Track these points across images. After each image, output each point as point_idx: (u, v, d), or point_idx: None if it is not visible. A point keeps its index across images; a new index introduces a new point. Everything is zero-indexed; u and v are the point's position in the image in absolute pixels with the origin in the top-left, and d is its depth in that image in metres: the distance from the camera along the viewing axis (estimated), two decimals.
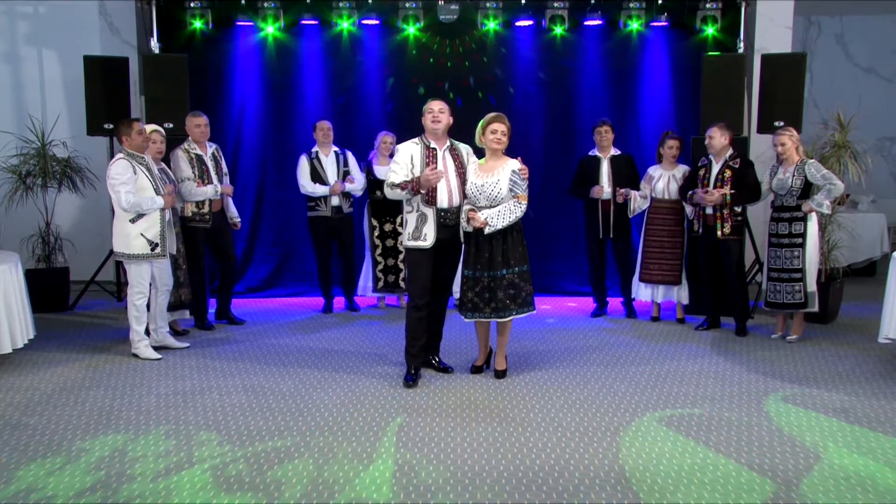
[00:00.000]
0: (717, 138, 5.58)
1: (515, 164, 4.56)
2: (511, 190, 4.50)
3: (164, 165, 5.49)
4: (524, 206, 4.53)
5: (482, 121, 4.61)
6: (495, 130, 4.54)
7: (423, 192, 4.50)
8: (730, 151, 5.64)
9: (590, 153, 6.31)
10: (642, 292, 6.21)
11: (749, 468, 3.41)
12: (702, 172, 5.70)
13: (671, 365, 5.00)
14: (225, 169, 6.02)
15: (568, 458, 3.52)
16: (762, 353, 5.29)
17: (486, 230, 4.47)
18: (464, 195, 4.62)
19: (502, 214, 4.47)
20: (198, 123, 5.79)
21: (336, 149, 6.45)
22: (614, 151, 6.22)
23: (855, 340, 5.61)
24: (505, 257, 4.52)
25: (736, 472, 3.37)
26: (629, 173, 6.18)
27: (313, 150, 6.42)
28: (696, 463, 3.47)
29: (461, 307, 4.67)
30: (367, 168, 6.48)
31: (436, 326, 4.86)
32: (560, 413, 4.11)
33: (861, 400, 4.33)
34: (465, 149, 4.75)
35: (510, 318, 4.57)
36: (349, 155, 6.49)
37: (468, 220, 4.54)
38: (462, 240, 4.68)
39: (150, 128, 5.41)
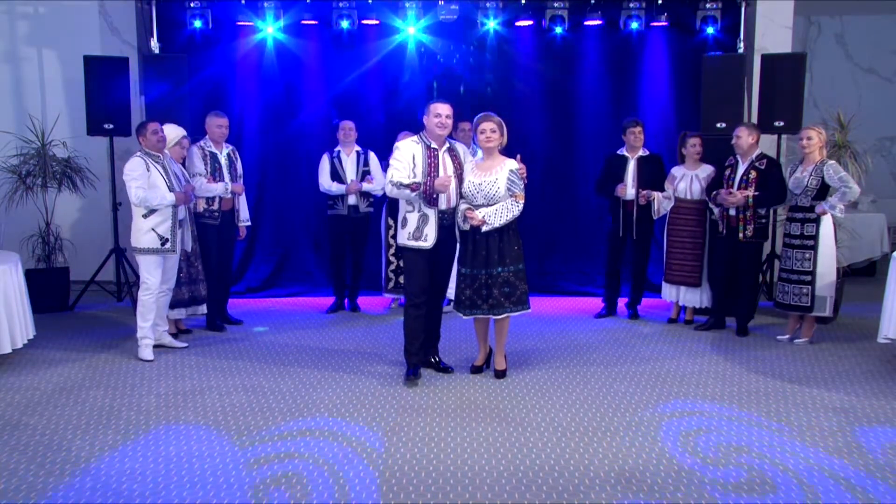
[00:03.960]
0: (745, 138, 5.50)
1: (513, 163, 4.57)
2: (509, 189, 4.51)
3: (183, 168, 5.54)
4: (521, 205, 4.54)
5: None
6: (483, 130, 4.56)
7: (435, 196, 4.52)
8: (757, 152, 5.55)
9: (618, 152, 6.23)
10: (665, 292, 6.18)
11: (749, 468, 3.41)
12: (727, 172, 5.64)
13: (671, 365, 5.00)
14: (240, 171, 6.03)
15: (568, 458, 3.52)
16: (762, 353, 5.29)
17: (484, 228, 4.47)
18: (461, 195, 4.63)
19: (499, 212, 4.48)
20: (220, 124, 5.82)
21: (358, 148, 6.45)
22: (643, 152, 6.16)
23: (855, 340, 5.61)
24: (500, 255, 4.53)
25: (736, 473, 3.37)
26: (655, 174, 6.10)
27: (336, 149, 6.44)
28: (696, 463, 3.47)
29: (458, 305, 4.68)
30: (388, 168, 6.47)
31: (433, 325, 4.86)
32: (560, 413, 4.11)
33: (861, 400, 4.33)
34: (462, 148, 4.77)
35: (505, 315, 4.58)
36: (371, 155, 6.48)
37: (465, 219, 4.55)
38: (458, 238, 4.69)
39: (180, 133, 5.45)
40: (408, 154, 4.59)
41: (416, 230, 4.59)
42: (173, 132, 5.43)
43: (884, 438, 3.76)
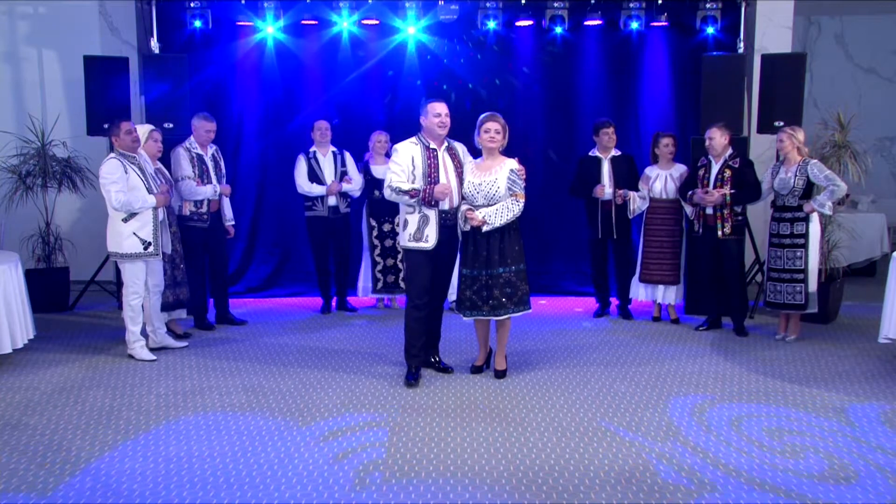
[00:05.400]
0: (718, 139, 5.59)
1: (513, 163, 4.57)
2: (509, 189, 4.51)
3: (160, 165, 5.50)
4: (522, 205, 4.54)
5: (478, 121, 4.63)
6: (488, 129, 4.55)
7: (433, 203, 4.51)
8: (729, 151, 5.65)
9: (590, 153, 6.31)
10: (641, 292, 6.22)
11: (749, 468, 3.41)
12: (701, 172, 5.71)
13: (671, 365, 5.00)
14: (223, 170, 6.04)
15: (568, 458, 3.52)
16: (762, 353, 5.29)
17: (485, 228, 4.47)
18: (462, 195, 4.63)
19: (500, 212, 4.48)
20: (209, 129, 5.81)
21: (334, 149, 6.45)
22: (615, 152, 6.23)
23: (855, 340, 5.61)
24: (502, 255, 4.53)
25: (736, 473, 3.37)
26: (629, 174, 6.19)
27: (311, 149, 6.42)
28: (696, 463, 3.47)
29: (460, 306, 4.67)
30: (364, 168, 6.49)
31: (434, 326, 4.86)
32: (560, 413, 4.11)
33: (861, 400, 4.33)
34: (461, 147, 4.77)
35: (507, 316, 4.58)
36: (347, 155, 6.49)
37: (465, 220, 4.55)
38: (459, 238, 4.69)
39: (147, 127, 5.42)
40: (406, 157, 4.57)
41: (417, 231, 4.59)
42: (141, 129, 5.36)
43: (884, 439, 3.76)
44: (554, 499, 3.15)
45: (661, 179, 6.03)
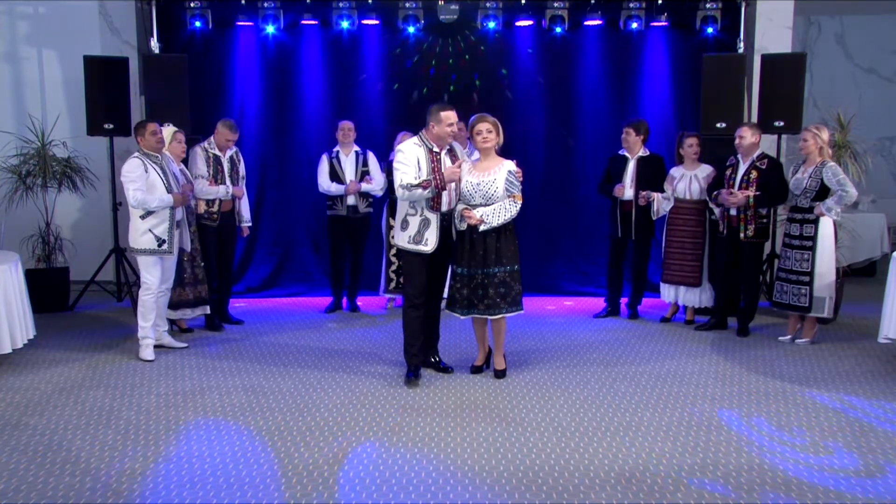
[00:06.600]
0: (748, 137, 5.47)
1: (511, 165, 4.58)
2: (507, 190, 4.52)
3: (183, 166, 5.55)
4: (519, 205, 4.55)
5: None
6: (480, 131, 4.56)
7: (444, 188, 4.52)
8: (758, 152, 5.55)
9: (619, 152, 6.25)
10: (664, 293, 6.18)
11: (749, 468, 3.41)
12: (728, 172, 5.63)
13: (672, 365, 5.00)
14: (242, 172, 6.03)
15: (568, 458, 3.52)
16: (762, 352, 5.29)
17: (482, 227, 4.48)
18: (458, 196, 4.63)
19: (498, 212, 4.49)
20: (230, 138, 5.82)
21: (357, 149, 6.45)
22: (643, 152, 6.16)
23: (855, 340, 5.61)
24: (498, 255, 4.54)
25: (736, 473, 3.37)
26: (655, 174, 6.10)
27: (335, 149, 6.43)
28: (696, 463, 3.47)
29: (454, 305, 4.67)
30: (387, 168, 6.46)
31: (433, 326, 4.86)
32: (560, 413, 4.11)
33: (861, 400, 4.33)
34: (459, 148, 4.79)
35: (500, 315, 4.58)
36: (370, 155, 6.48)
37: (461, 218, 4.55)
38: (454, 238, 4.69)
39: (171, 129, 5.48)
40: (412, 157, 4.57)
41: (418, 234, 4.59)
42: (165, 131, 5.40)
43: (884, 438, 3.76)
44: (554, 499, 3.15)
45: (686, 180, 5.97)
